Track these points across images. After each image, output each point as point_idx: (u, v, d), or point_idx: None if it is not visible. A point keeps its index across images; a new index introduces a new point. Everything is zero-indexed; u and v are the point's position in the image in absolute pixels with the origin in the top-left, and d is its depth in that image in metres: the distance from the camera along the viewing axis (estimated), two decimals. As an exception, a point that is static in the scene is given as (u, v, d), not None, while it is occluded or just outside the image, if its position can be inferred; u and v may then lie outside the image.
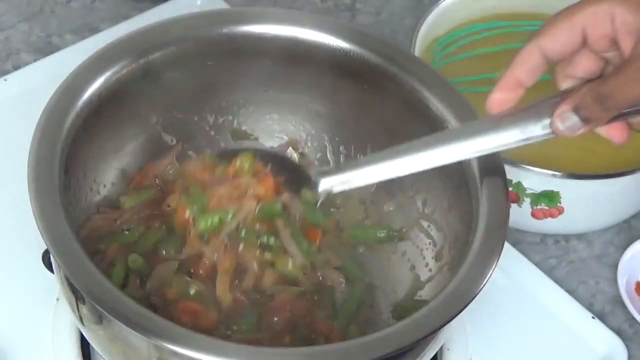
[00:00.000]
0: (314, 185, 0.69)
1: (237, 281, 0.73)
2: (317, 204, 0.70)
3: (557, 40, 0.63)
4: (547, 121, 0.63)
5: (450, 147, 0.65)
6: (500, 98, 0.65)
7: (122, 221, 0.75)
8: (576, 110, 0.61)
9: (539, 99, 0.64)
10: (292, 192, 0.74)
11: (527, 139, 0.64)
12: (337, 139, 0.80)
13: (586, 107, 0.61)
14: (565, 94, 0.64)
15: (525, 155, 0.83)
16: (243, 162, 0.74)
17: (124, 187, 0.79)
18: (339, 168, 0.71)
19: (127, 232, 0.74)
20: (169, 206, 0.76)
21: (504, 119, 0.64)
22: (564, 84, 0.66)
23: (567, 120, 0.62)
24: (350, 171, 0.67)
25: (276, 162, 0.75)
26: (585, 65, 0.65)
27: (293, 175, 0.76)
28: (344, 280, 0.76)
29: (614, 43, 0.62)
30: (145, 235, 0.75)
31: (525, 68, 0.65)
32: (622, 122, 0.63)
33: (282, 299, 0.72)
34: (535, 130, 0.63)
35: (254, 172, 0.74)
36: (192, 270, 0.73)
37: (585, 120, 0.61)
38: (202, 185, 0.74)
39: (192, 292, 0.70)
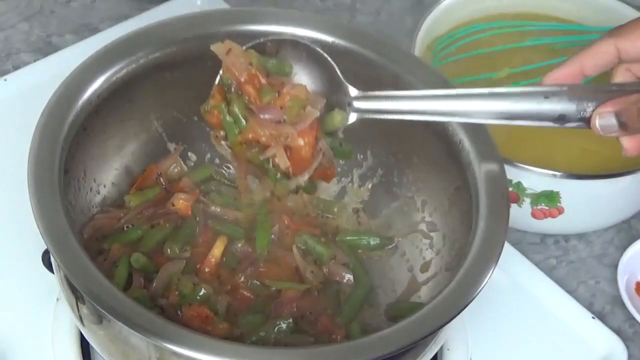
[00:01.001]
0: (345, 105, 0.68)
1: (242, 277, 0.73)
2: (340, 130, 0.70)
3: (636, 44, 0.63)
4: (588, 111, 0.62)
5: (490, 102, 0.64)
6: (557, 79, 0.65)
7: (126, 220, 0.75)
8: (618, 114, 0.61)
9: (589, 86, 0.64)
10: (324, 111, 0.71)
11: (562, 120, 0.63)
12: (336, 140, 0.79)
13: (628, 116, 0.61)
14: (615, 88, 0.63)
15: (525, 155, 0.83)
16: (294, 103, 0.70)
17: (125, 187, 0.79)
18: (375, 95, 0.70)
19: (129, 229, 0.75)
20: (174, 205, 0.76)
21: (551, 90, 0.64)
22: (620, 77, 0.66)
23: (605, 120, 0.62)
24: (386, 101, 0.67)
25: (319, 64, 0.71)
26: None
27: (329, 85, 0.72)
28: (351, 277, 0.76)
29: None
30: (149, 233, 0.75)
31: (595, 61, 0.65)
32: None
33: (288, 295, 0.72)
34: (572, 113, 0.63)
35: (304, 105, 0.70)
36: (198, 267, 0.73)
37: (622, 126, 0.61)
38: (245, 101, 0.71)
39: (200, 294, 0.70)
